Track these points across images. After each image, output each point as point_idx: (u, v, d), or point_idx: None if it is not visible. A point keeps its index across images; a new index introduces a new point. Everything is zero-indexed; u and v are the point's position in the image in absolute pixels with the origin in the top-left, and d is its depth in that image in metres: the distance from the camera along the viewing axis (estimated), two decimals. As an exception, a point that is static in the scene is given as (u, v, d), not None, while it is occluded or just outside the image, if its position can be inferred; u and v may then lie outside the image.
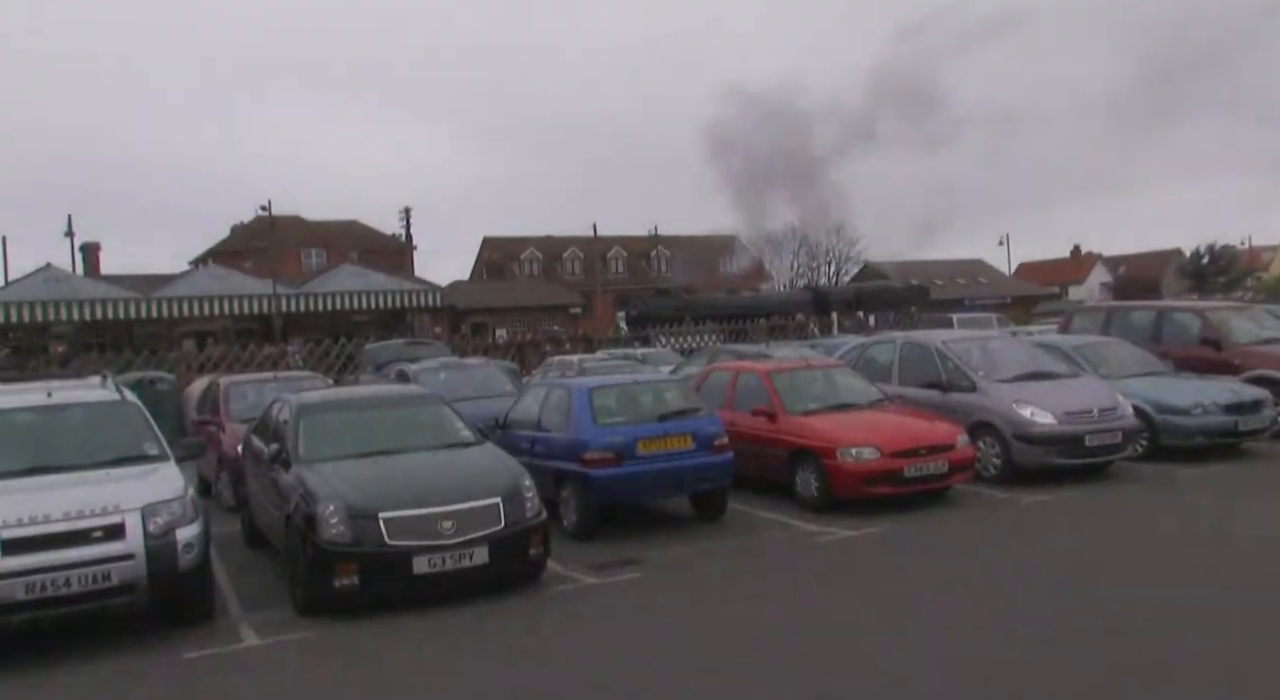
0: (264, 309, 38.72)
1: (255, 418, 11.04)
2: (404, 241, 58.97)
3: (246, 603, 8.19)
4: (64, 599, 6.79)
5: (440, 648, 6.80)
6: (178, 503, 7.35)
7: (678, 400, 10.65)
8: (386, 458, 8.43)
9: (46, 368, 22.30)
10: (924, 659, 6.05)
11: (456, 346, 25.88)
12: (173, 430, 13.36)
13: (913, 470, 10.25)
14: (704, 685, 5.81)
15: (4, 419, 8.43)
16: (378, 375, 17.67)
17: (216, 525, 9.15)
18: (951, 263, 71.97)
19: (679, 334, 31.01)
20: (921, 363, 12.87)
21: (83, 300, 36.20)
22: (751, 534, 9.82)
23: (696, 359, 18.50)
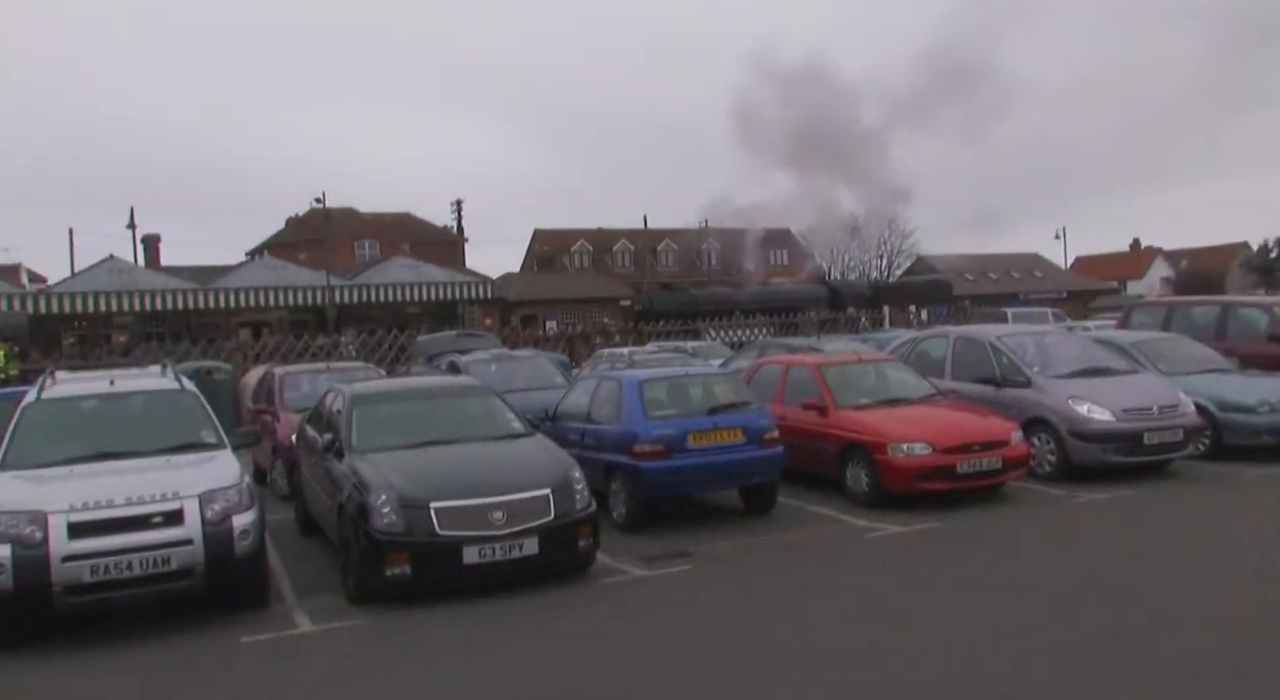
0: (318, 300, 39.23)
1: (309, 407, 11.20)
2: (455, 234, 59.43)
3: (300, 589, 8.31)
4: (126, 582, 6.95)
5: (490, 637, 6.85)
6: (234, 490, 7.48)
7: (728, 393, 10.61)
8: (438, 448, 8.50)
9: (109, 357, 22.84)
10: (974, 657, 5.97)
11: (507, 338, 26.01)
12: (229, 419, 13.60)
13: (965, 466, 10.11)
14: (752, 679, 5.78)
15: (70, 406, 8.67)
16: (429, 366, 17.83)
17: (271, 513, 9.29)
18: (1006, 257, 70.90)
19: (728, 327, 30.81)
20: (975, 357, 12.70)
21: (144, 291, 36.95)
22: (801, 528, 9.76)
23: (747, 352, 18.42)
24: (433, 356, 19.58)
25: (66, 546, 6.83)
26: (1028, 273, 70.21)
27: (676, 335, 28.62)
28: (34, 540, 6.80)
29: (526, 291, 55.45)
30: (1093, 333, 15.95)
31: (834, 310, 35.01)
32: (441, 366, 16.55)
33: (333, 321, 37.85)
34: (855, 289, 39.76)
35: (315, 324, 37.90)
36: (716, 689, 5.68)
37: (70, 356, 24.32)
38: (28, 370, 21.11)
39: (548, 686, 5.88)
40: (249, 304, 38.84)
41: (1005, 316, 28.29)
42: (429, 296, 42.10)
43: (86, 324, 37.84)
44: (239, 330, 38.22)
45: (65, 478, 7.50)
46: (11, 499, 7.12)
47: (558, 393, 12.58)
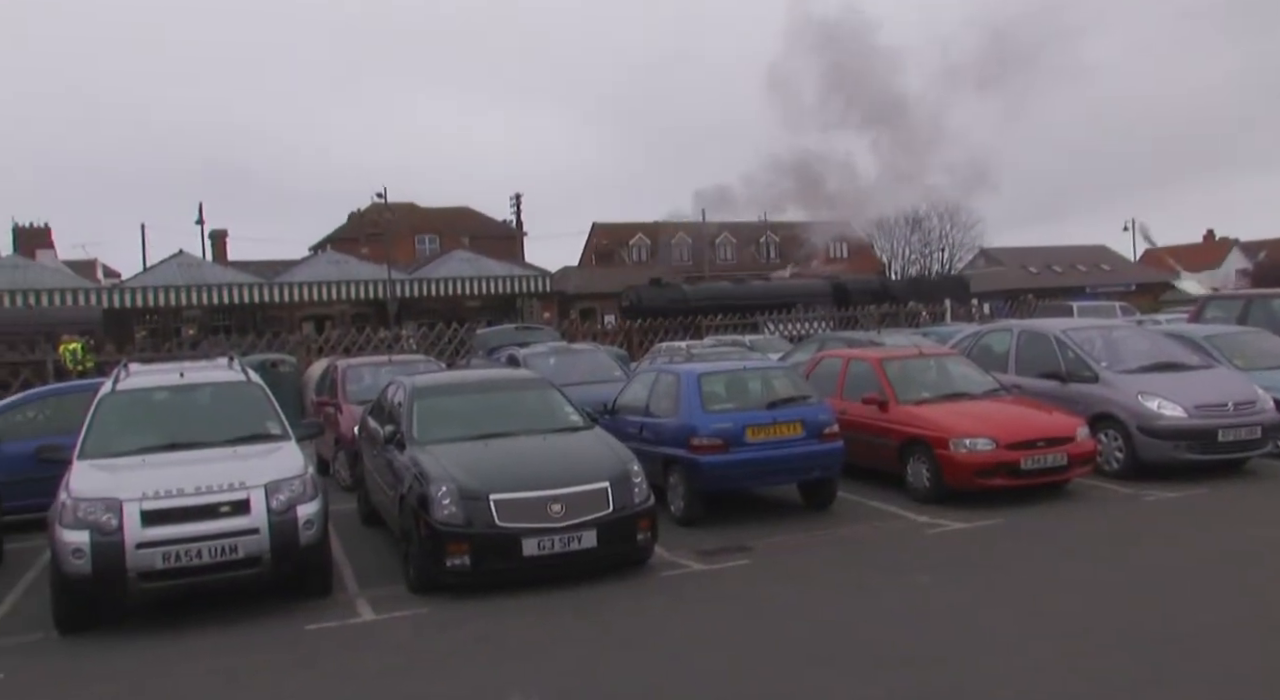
0: (379, 294, 39.76)
1: (371, 399, 11.35)
2: (514, 227, 59.81)
3: (362, 579, 8.44)
4: (195, 569, 7.12)
5: (549, 628, 6.89)
6: (298, 480, 7.62)
7: (787, 388, 10.54)
8: (497, 441, 8.56)
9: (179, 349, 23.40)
10: (1036, 657, 5.85)
11: (566, 332, 26.11)
12: (293, 411, 13.86)
13: (1029, 462, 9.93)
14: (811, 677, 5.74)
15: (143, 398, 8.90)
16: (489, 359, 17.98)
17: (333, 503, 9.43)
18: (1072, 249, 69.42)
19: (788, 320, 30.52)
20: (1040, 352, 12.46)
21: (211, 285, 37.74)
22: (860, 524, 9.67)
23: (806, 346, 18.30)
24: (492, 349, 19.74)
25: (140, 534, 7.01)
26: (1094, 266, 68.64)
27: (731, 329, 28.41)
28: (110, 527, 7.00)
29: (585, 285, 55.60)
30: (1163, 326, 15.57)
31: (840, 307, 33.45)
32: (501, 359, 16.68)
33: (394, 315, 38.33)
34: (863, 285, 37.61)
35: (377, 317, 38.40)
36: (774, 686, 5.65)
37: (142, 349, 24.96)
38: (103, 363, 21.73)
39: (605, 679, 5.90)
40: (312, 298, 39.49)
41: (1071, 310, 27.71)
42: (488, 290, 42.44)
43: (157, 317, 38.79)
44: (303, 324, 38.89)
45: (138, 467, 7.70)
46: (90, 487, 7.32)
47: (616, 386, 12.60)
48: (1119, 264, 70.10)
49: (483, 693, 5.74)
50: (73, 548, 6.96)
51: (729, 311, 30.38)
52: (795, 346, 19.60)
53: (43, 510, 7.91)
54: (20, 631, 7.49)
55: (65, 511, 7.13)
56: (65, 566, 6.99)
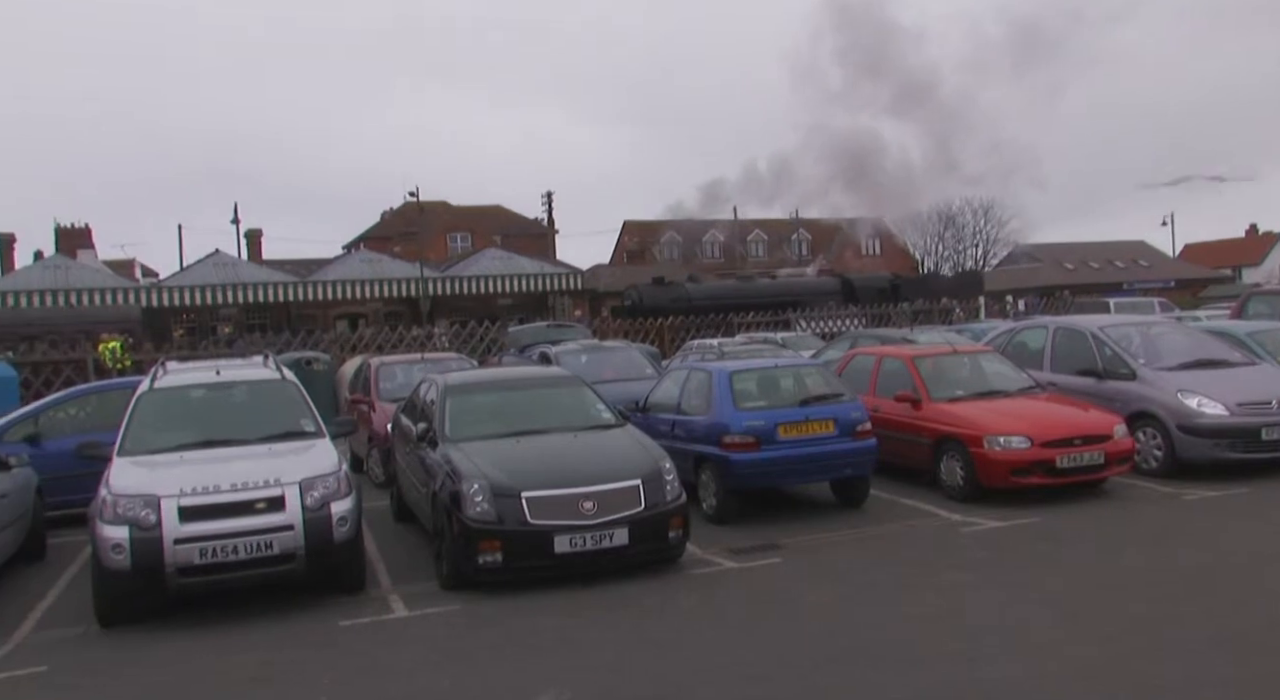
0: (412, 292, 39.99)
1: (404, 397, 11.42)
2: (546, 225, 59.97)
3: (395, 575, 8.50)
4: (232, 565, 7.21)
5: (581, 625, 6.90)
6: (332, 477, 7.68)
7: (819, 385, 10.49)
8: (529, 438, 8.58)
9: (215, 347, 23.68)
10: (1073, 658, 5.78)
11: (597, 329, 26.12)
12: (327, 408, 13.96)
13: (1065, 461, 9.81)
14: (842, 674, 5.71)
15: (180, 395, 9.02)
16: (521, 357, 18.04)
17: (367, 500, 9.50)
18: (1109, 244, 68.50)
19: (820, 318, 30.33)
20: (1076, 349, 12.31)
21: (246, 284, 38.11)
22: (894, 522, 9.60)
23: (839, 343, 18.20)
24: (524, 347, 19.79)
25: (178, 529, 7.11)
26: (1132, 261, 67.73)
27: (763, 327, 28.26)
28: (149, 523, 7.10)
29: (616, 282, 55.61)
30: (1204, 323, 15.33)
31: (849, 304, 32.32)
32: (533, 357, 16.73)
33: (426, 313, 38.55)
34: (873, 282, 36.17)
35: (409, 315, 38.63)
36: (806, 685, 5.63)
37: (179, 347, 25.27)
38: (140, 361, 22.03)
39: (637, 676, 5.90)
40: (346, 296, 39.79)
41: (1108, 306, 27.36)
42: (520, 288, 42.57)
43: (194, 316, 39.25)
44: (336, 322, 39.22)
45: (176, 464, 7.80)
46: (129, 483, 7.43)
47: (648, 384, 12.60)
48: (1158, 259, 69.12)
49: (514, 689, 5.76)
50: (112, 543, 7.06)
51: (733, 311, 29.39)
52: (827, 344, 19.51)
53: (84, 506, 8.04)
54: (63, 625, 7.61)
55: (105, 507, 7.24)
56: (105, 561, 7.10)
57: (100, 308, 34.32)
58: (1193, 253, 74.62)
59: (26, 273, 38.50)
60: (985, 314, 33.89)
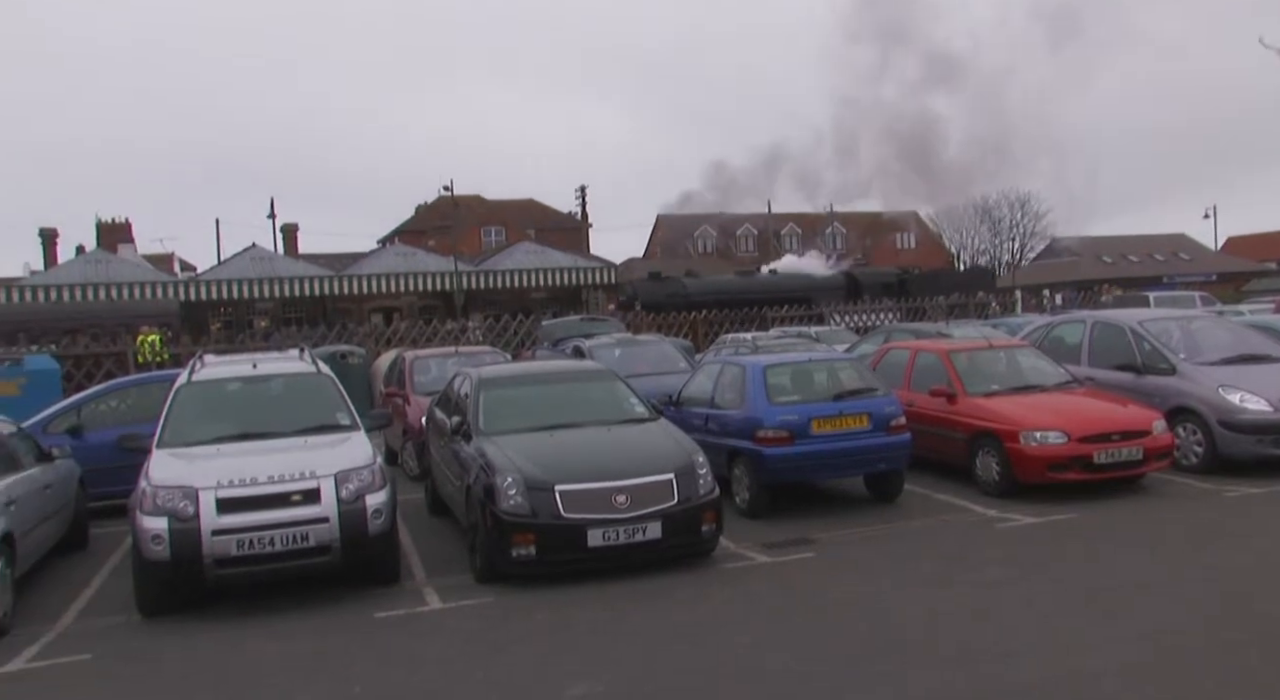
0: (446, 286, 40.20)
1: (438, 391, 11.48)
2: (580, 219, 60.06)
3: (429, 567, 8.55)
4: (268, 556, 7.29)
5: (614, 618, 6.92)
6: (367, 470, 7.74)
7: (853, 379, 10.44)
8: (563, 432, 8.60)
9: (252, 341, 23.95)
10: (1111, 657, 5.71)
11: (631, 323, 26.13)
12: (362, 401, 14.08)
13: (1103, 456, 9.69)
14: (875, 669, 5.68)
15: (217, 388, 9.13)
16: (554, 351, 18.08)
17: (401, 493, 9.56)
18: (1149, 238, 67.54)
19: (853, 312, 30.16)
20: (1114, 343, 12.15)
21: (283, 278, 38.49)
22: (928, 517, 9.54)
23: (873, 338, 18.09)
24: (557, 341, 19.85)
25: (215, 521, 7.20)
26: (1172, 255, 66.72)
27: (798, 320, 28.13)
28: (187, 514, 7.19)
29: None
30: (1246, 317, 15.07)
31: (852, 301, 31.73)
32: (566, 351, 16.76)
33: (460, 307, 38.74)
34: (878, 278, 35.46)
35: (443, 309, 38.85)
36: (838, 680, 5.60)
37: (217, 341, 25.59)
38: (179, 354, 22.33)
39: (669, 670, 5.90)
40: (380, 290, 40.08)
41: (1147, 301, 26.97)
42: (554, 282, 42.69)
43: (231, 310, 39.72)
44: (371, 315, 39.49)
45: (213, 456, 7.90)
46: (168, 475, 7.53)
47: (681, 378, 12.59)
48: (1199, 253, 68.04)
49: (547, 681, 5.78)
50: (152, 534, 7.16)
51: (733, 306, 28.93)
52: (861, 338, 19.40)
53: (125, 497, 8.16)
54: (105, 613, 7.74)
55: (145, 499, 7.34)
56: (145, 552, 7.21)
57: (140, 301, 34.82)
58: (1236, 246, 73.27)
59: (68, 267, 39.14)
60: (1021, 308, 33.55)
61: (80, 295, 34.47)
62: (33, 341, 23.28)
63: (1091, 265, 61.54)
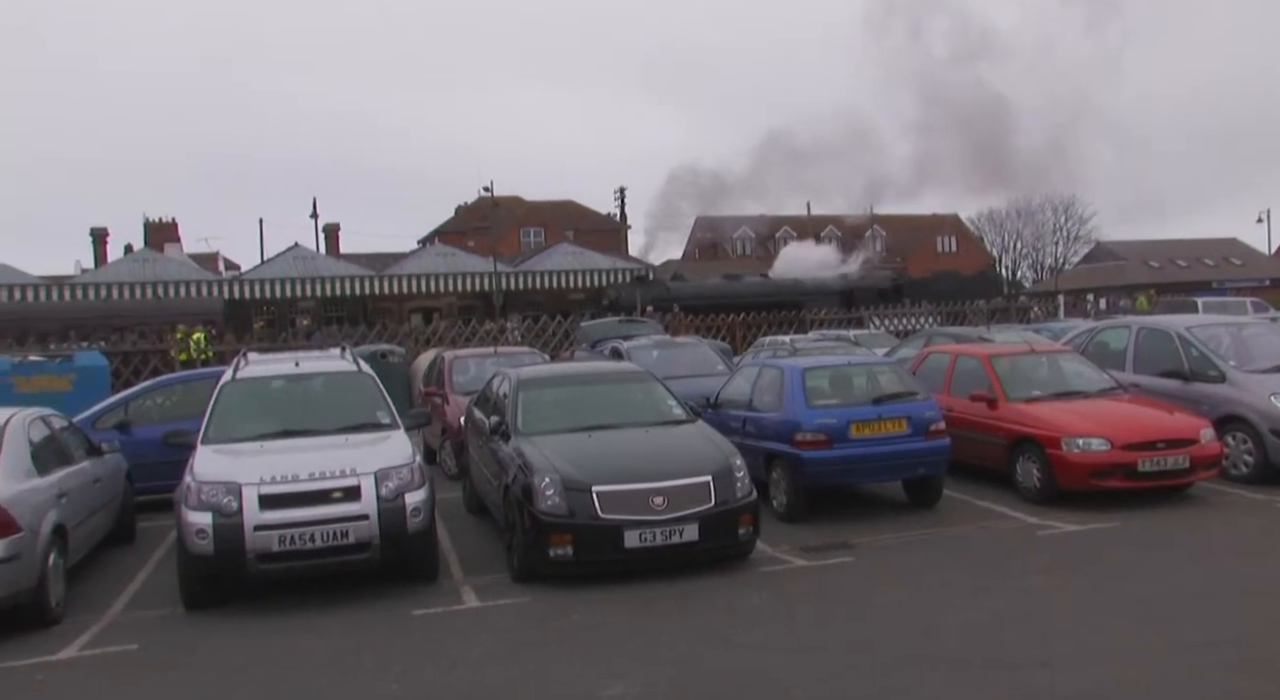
0: (485, 286, 40.42)
1: (476, 390, 11.55)
2: (618, 221, 60.12)
3: (467, 566, 8.61)
4: (309, 553, 7.37)
5: (650, 620, 6.91)
6: (407, 469, 7.80)
7: (893, 383, 10.36)
8: (601, 433, 8.62)
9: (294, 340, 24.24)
10: (1153, 670, 5.62)
11: (669, 325, 26.12)
12: (402, 401, 14.19)
13: (1148, 464, 9.54)
14: (912, 676, 5.63)
15: (261, 386, 9.25)
16: (592, 352, 18.12)
17: (439, 492, 9.63)
18: (1198, 242, 66.32)
19: (894, 315, 29.93)
20: (1161, 349, 11.96)
21: (324, 277, 38.89)
22: (967, 523, 9.45)
23: (913, 341, 17.95)
24: (596, 342, 19.87)
25: (258, 517, 7.29)
26: (1223, 259, 65.46)
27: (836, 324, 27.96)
28: (231, 510, 7.30)
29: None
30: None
31: (847, 307, 30.84)
32: (605, 352, 16.79)
33: (499, 307, 38.95)
34: (872, 283, 34.48)
35: (482, 309, 39.06)
36: (875, 686, 5.56)
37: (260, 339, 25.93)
38: (222, 351, 22.66)
39: (705, 672, 5.89)
40: (420, 290, 40.37)
41: (1195, 306, 26.53)
42: (592, 283, 42.77)
43: (273, 308, 40.20)
44: (411, 315, 39.78)
45: (256, 453, 8.00)
46: (212, 471, 7.65)
47: (719, 380, 12.57)
48: (1251, 258, 66.71)
49: (583, 681, 5.79)
50: (196, 528, 7.28)
51: (720, 311, 28.21)
52: (902, 342, 19.26)
53: (170, 491, 8.29)
54: (151, 606, 7.88)
55: (190, 494, 7.46)
56: (190, 546, 7.32)
57: (185, 300, 35.37)
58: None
59: (117, 266, 39.85)
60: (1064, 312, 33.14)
61: (128, 293, 35.05)
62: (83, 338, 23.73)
63: (1137, 270, 60.64)
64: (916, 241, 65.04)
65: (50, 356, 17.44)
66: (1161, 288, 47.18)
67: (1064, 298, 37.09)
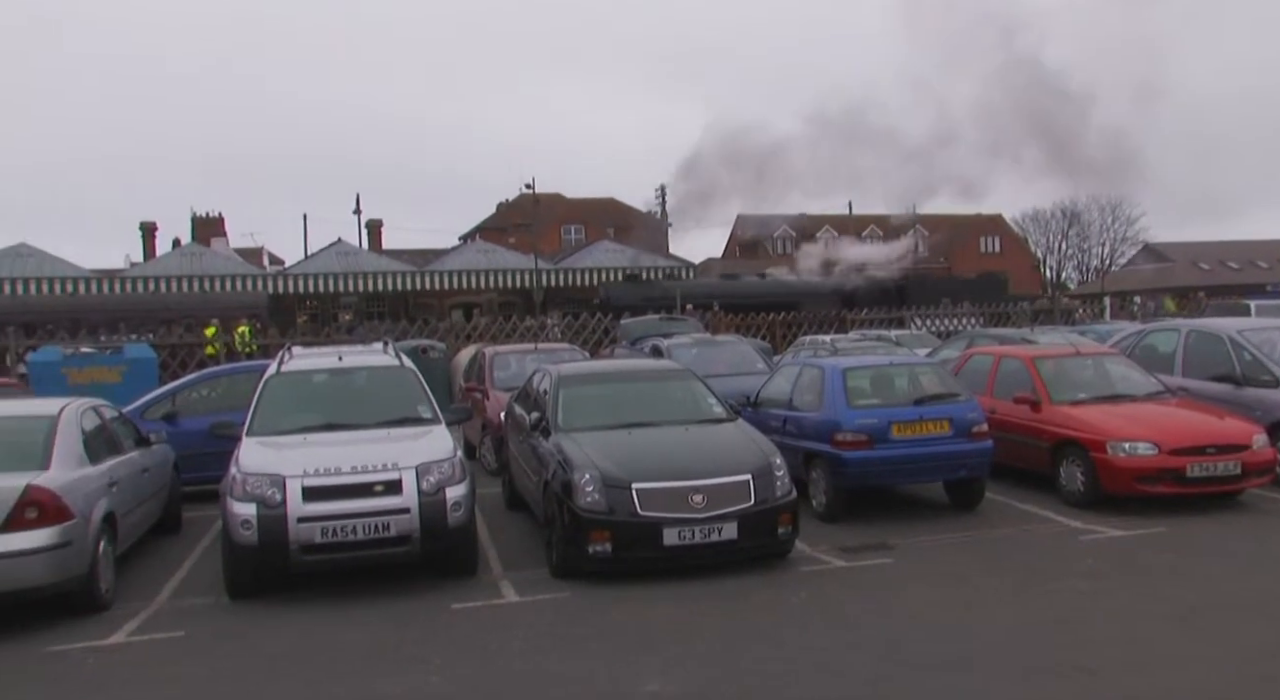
0: (525, 283, 40.58)
1: (517, 386, 11.61)
2: (659, 218, 60.10)
3: (506, 561, 8.65)
4: (351, 545, 7.45)
5: (687, 618, 6.91)
6: (448, 463, 7.86)
7: (935, 384, 10.28)
8: (641, 430, 8.63)
9: (337, 334, 24.50)
10: (1200, 678, 5.52)
11: (709, 323, 26.06)
12: (442, 396, 14.30)
13: (1197, 470, 9.38)
14: (952, 681, 5.58)
15: (304, 379, 9.36)
16: (632, 350, 18.13)
17: (479, 487, 9.70)
18: (1252, 243, 64.80)
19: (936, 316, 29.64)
20: (1211, 353, 11.74)
21: (366, 273, 39.22)
22: (1009, 526, 9.35)
23: (955, 342, 17.79)
24: (636, 340, 19.89)
25: (301, 508, 7.38)
26: (1278, 262, 63.99)
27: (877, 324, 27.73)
28: (275, 501, 7.40)
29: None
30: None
31: (847, 308, 29.98)
32: (645, 350, 16.80)
33: (539, 304, 39.09)
34: (875, 284, 33.48)
35: (523, 306, 39.21)
36: (914, 690, 5.53)
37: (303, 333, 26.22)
38: (266, 345, 22.96)
39: (742, 671, 5.88)
40: (461, 286, 40.58)
41: (1248, 309, 25.99)
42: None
43: (316, 303, 40.63)
44: (451, 311, 40.00)
45: (299, 445, 8.10)
46: (257, 463, 7.75)
47: (759, 378, 12.53)
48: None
49: (620, 678, 5.81)
50: (241, 519, 7.39)
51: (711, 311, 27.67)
52: (944, 342, 19.09)
53: (215, 482, 8.41)
54: (197, 594, 8.01)
55: (235, 485, 7.57)
56: (235, 536, 7.43)
57: (231, 293, 35.83)
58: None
59: (165, 260, 40.45)
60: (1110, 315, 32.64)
61: (176, 287, 35.59)
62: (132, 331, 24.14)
63: (1187, 271, 59.52)
64: (960, 241, 64.36)
65: (101, 349, 17.81)
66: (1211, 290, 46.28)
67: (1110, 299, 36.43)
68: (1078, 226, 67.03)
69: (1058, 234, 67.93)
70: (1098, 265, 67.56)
